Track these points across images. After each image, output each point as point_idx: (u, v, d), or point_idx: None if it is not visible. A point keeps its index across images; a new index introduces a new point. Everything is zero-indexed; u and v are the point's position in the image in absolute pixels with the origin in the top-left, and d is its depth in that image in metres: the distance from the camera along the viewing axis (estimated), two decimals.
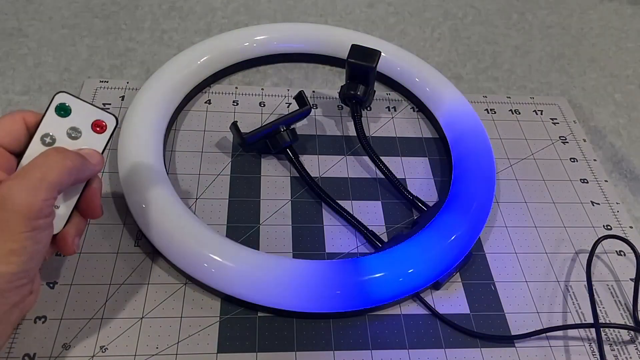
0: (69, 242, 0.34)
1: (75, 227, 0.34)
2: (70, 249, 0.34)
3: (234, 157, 0.50)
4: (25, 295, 0.31)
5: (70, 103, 0.34)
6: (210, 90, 0.56)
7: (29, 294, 0.32)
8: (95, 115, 0.34)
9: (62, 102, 0.34)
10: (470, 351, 0.40)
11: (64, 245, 0.34)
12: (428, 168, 0.51)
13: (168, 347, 0.38)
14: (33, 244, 0.29)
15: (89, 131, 0.34)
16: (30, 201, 0.29)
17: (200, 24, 0.64)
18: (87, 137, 0.34)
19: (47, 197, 0.29)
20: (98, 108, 0.35)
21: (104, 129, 0.35)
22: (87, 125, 0.34)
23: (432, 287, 0.43)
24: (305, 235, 0.45)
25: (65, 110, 0.34)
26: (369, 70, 0.50)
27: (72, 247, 0.34)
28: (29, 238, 0.29)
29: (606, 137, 0.57)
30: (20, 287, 0.30)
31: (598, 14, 0.74)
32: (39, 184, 0.29)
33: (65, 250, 0.34)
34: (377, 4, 0.70)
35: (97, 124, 0.34)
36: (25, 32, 0.59)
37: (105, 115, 0.35)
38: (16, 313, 0.31)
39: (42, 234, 0.30)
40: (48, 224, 0.31)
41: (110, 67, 0.57)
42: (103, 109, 0.35)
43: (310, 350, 0.38)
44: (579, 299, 0.43)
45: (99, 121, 0.34)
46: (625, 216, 0.49)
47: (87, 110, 0.34)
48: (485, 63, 0.64)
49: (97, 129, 0.34)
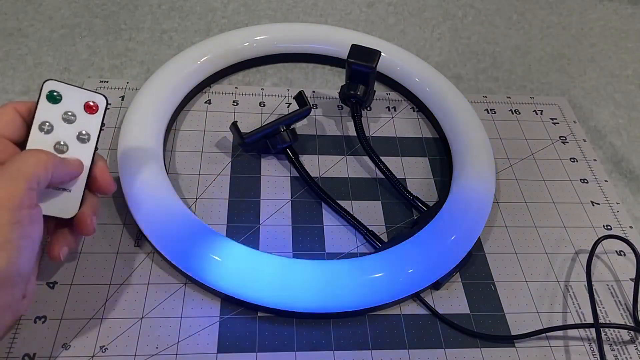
0: (87, 222, 0.35)
1: (91, 207, 0.36)
2: (89, 227, 0.35)
3: (234, 157, 0.50)
4: (17, 298, 0.31)
5: (59, 89, 0.35)
6: (210, 90, 0.56)
7: (21, 297, 0.32)
8: (85, 97, 0.36)
9: (52, 89, 0.35)
10: (470, 351, 0.40)
11: (84, 225, 0.35)
12: (428, 168, 0.51)
13: (168, 347, 0.38)
14: (19, 238, 0.29)
15: (83, 113, 0.35)
16: (10, 191, 0.29)
17: (200, 24, 0.64)
18: (82, 119, 0.35)
19: (25, 186, 0.30)
20: (87, 90, 0.36)
21: (96, 109, 0.36)
22: (80, 108, 0.35)
23: (432, 287, 0.43)
24: (305, 235, 0.45)
25: (56, 96, 0.35)
26: (369, 70, 0.50)
27: (92, 226, 0.35)
28: (13, 230, 0.29)
29: (606, 137, 0.57)
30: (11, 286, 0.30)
31: (598, 14, 0.74)
32: (16, 175, 0.30)
33: (85, 229, 0.35)
34: (377, 4, 0.70)
35: (88, 106, 0.36)
36: (25, 32, 0.59)
37: (95, 96, 0.36)
38: (8, 316, 0.31)
39: (28, 228, 0.30)
40: (33, 218, 0.31)
41: (110, 67, 0.57)
42: (92, 91, 0.36)
43: (310, 350, 0.38)
44: (579, 299, 0.43)
45: (90, 103, 0.36)
46: (625, 216, 0.49)
47: (77, 93, 0.35)
48: (485, 63, 0.64)
49: (89, 110, 0.36)
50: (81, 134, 0.35)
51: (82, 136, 0.35)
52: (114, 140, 0.49)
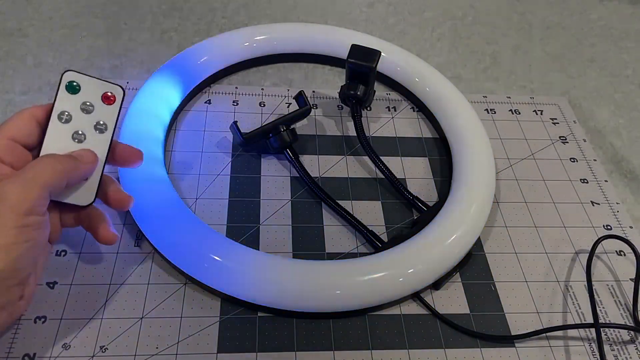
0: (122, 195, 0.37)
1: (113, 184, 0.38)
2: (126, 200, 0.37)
3: (234, 157, 0.50)
4: (14, 298, 0.31)
5: (78, 80, 0.36)
6: (210, 90, 0.56)
7: (19, 298, 0.32)
8: (103, 88, 0.36)
9: (71, 80, 0.35)
10: (470, 351, 0.40)
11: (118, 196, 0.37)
12: (428, 168, 0.51)
13: (168, 347, 0.37)
14: (23, 242, 0.30)
15: (100, 104, 0.36)
16: (22, 197, 0.30)
17: (200, 24, 0.64)
18: (100, 109, 0.36)
19: (39, 196, 0.30)
20: (104, 81, 0.36)
21: (113, 99, 0.36)
22: (98, 99, 0.36)
23: (432, 287, 0.43)
24: (305, 235, 0.45)
25: (75, 87, 0.35)
26: (369, 70, 0.50)
27: (128, 199, 0.38)
28: (19, 234, 0.29)
29: (606, 137, 0.57)
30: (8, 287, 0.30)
31: (598, 14, 0.74)
32: (31, 183, 0.30)
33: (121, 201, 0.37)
34: (377, 4, 0.70)
35: (106, 96, 0.36)
36: (25, 32, 0.59)
37: (112, 87, 0.37)
38: (4, 316, 0.31)
39: (33, 232, 0.30)
40: (40, 224, 0.31)
41: (110, 67, 0.57)
42: (109, 81, 0.36)
43: (310, 350, 0.38)
44: (579, 299, 0.43)
45: (108, 93, 0.36)
46: (625, 216, 0.49)
47: (94, 84, 0.36)
48: (485, 63, 0.64)
49: (106, 101, 0.36)
50: (99, 124, 0.36)
51: (99, 126, 0.36)
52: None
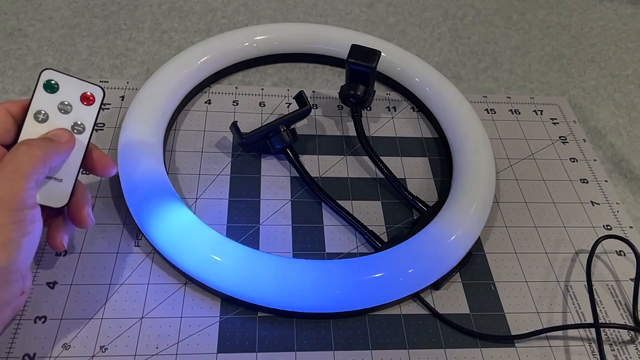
0: (83, 213, 0.35)
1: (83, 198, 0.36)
2: (85, 219, 0.35)
3: (234, 157, 0.50)
4: (16, 293, 0.31)
5: (57, 79, 0.35)
6: (210, 90, 0.56)
7: (20, 293, 0.32)
8: (82, 88, 0.35)
9: (49, 79, 0.35)
10: (470, 351, 0.40)
11: (79, 216, 0.35)
12: (428, 168, 0.51)
13: (168, 347, 0.38)
14: (21, 237, 0.30)
15: (79, 104, 0.35)
16: (10, 192, 0.30)
17: (200, 24, 0.64)
18: (78, 110, 0.35)
19: (25, 186, 0.30)
20: (84, 81, 0.36)
21: (93, 100, 0.36)
22: (77, 99, 0.35)
23: (432, 287, 0.43)
24: (305, 235, 0.45)
25: (53, 86, 0.35)
26: (369, 70, 0.50)
27: (87, 218, 0.36)
28: (16, 230, 0.29)
29: (606, 137, 0.57)
30: (11, 282, 0.30)
31: (598, 14, 0.74)
32: (14, 175, 0.30)
33: (80, 221, 0.35)
34: (377, 4, 0.70)
35: (85, 97, 0.35)
36: (25, 32, 0.59)
37: (92, 88, 0.36)
38: (8, 312, 0.31)
39: (30, 226, 0.30)
40: (34, 217, 0.31)
41: (110, 67, 0.57)
42: (89, 82, 0.36)
43: (310, 350, 0.38)
44: (579, 299, 0.43)
45: (87, 94, 0.36)
46: (625, 216, 0.49)
47: (74, 84, 0.35)
48: (485, 63, 0.64)
49: (86, 102, 0.36)
50: (76, 125, 0.35)
51: (77, 127, 0.35)
52: (114, 140, 0.49)
